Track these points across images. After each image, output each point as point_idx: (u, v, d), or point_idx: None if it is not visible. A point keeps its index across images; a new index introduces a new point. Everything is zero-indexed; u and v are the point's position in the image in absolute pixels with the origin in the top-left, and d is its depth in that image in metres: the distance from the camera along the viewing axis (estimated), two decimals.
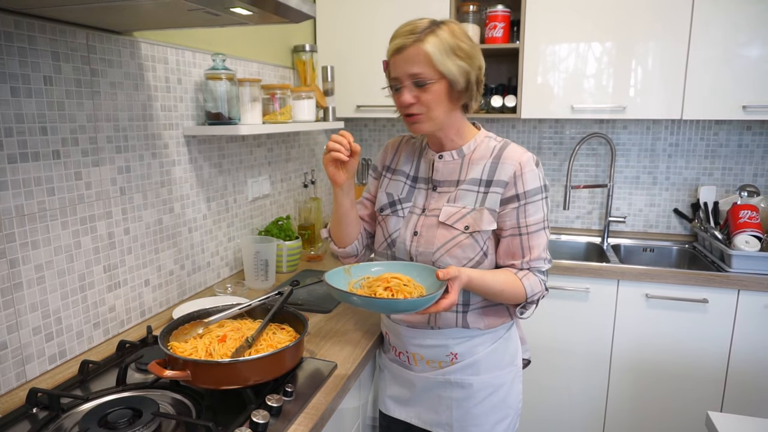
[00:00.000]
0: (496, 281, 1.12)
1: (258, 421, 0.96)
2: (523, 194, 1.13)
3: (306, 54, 2.22)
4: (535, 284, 1.15)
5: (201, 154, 1.66)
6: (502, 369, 1.26)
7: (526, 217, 1.13)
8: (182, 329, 1.18)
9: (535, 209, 1.14)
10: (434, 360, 1.25)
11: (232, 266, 1.87)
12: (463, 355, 1.23)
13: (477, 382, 1.23)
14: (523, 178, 1.12)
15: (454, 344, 1.22)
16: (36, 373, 1.15)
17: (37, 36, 1.10)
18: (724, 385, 1.99)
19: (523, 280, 1.14)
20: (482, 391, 1.23)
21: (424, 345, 1.24)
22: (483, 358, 1.23)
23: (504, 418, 1.27)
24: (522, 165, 1.12)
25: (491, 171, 1.14)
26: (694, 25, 2.00)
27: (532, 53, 2.19)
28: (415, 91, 1.10)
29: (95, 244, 1.28)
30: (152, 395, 1.08)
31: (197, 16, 1.10)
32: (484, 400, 1.24)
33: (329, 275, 1.11)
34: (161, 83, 1.47)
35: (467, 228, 1.14)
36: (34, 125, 1.11)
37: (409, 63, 1.08)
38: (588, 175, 2.56)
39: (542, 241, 1.15)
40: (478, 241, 1.14)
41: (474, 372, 1.23)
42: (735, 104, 2.01)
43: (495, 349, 1.24)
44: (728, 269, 1.97)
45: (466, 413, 1.24)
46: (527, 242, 1.14)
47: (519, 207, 1.13)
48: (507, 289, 1.13)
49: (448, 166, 1.19)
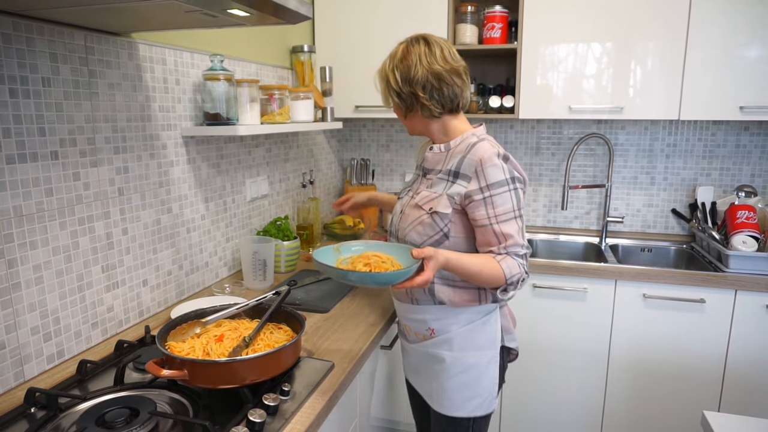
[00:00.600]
0: (474, 263, 1.19)
1: (255, 420, 0.97)
2: (486, 187, 1.21)
3: (304, 54, 2.22)
4: (513, 266, 1.20)
5: (199, 154, 1.66)
6: (476, 350, 1.33)
7: (494, 207, 1.21)
8: (180, 329, 1.19)
9: (502, 200, 1.21)
10: (419, 332, 1.39)
11: (230, 266, 1.88)
12: (439, 331, 1.34)
13: (450, 358, 1.33)
14: (485, 172, 1.21)
15: (431, 320, 1.34)
16: (34, 373, 1.16)
17: (36, 38, 1.11)
18: (722, 385, 1.99)
19: (501, 263, 1.20)
20: (454, 368, 1.33)
21: (410, 318, 1.39)
22: (456, 337, 1.32)
23: (475, 397, 1.34)
24: (483, 161, 1.21)
25: (459, 164, 1.26)
26: (692, 26, 2.01)
27: (530, 54, 2.19)
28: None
29: (93, 245, 1.29)
30: (150, 395, 1.09)
31: (194, 18, 1.11)
32: (456, 376, 1.33)
33: (318, 252, 1.22)
34: (159, 84, 1.47)
35: (431, 209, 1.27)
36: (32, 126, 1.11)
37: None
38: (586, 176, 2.57)
39: (514, 228, 1.22)
40: (437, 222, 1.26)
41: (448, 348, 1.33)
42: (732, 105, 2.02)
43: (470, 330, 1.32)
44: (725, 269, 1.97)
45: (440, 386, 1.35)
46: (500, 230, 1.21)
47: (485, 199, 1.21)
48: (485, 270, 1.19)
49: (435, 157, 1.33)
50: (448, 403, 1.34)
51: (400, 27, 2.27)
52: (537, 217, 2.66)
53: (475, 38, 2.30)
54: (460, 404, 1.33)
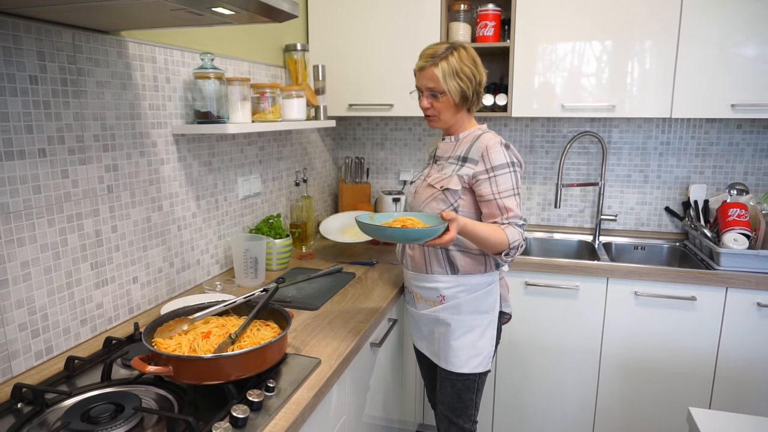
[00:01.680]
0: (484, 228, 1.39)
1: (238, 416, 0.98)
2: (491, 168, 1.44)
3: (297, 53, 2.23)
4: (514, 234, 1.41)
5: (190, 152, 1.67)
6: (478, 315, 1.55)
7: (497, 185, 1.44)
8: (167, 326, 1.20)
9: (504, 180, 1.44)
10: (429, 299, 1.59)
11: (222, 264, 1.88)
12: (449, 298, 1.55)
13: (455, 321, 1.55)
14: (490, 156, 1.44)
15: (443, 288, 1.54)
16: (22, 369, 1.17)
17: (22, 36, 1.11)
18: (713, 381, 2.00)
19: (506, 230, 1.41)
20: (459, 330, 1.55)
21: (423, 287, 1.59)
22: (464, 303, 1.54)
23: (476, 355, 1.56)
24: (488, 147, 1.45)
25: (468, 150, 1.50)
26: (684, 24, 2.01)
27: (523, 52, 2.20)
28: (430, 99, 1.50)
29: (82, 242, 1.30)
30: (136, 391, 1.10)
31: (181, 16, 1.11)
32: (461, 337, 1.55)
33: (361, 216, 1.38)
34: (149, 82, 1.48)
35: (441, 187, 1.49)
36: (19, 124, 1.12)
37: (425, 79, 1.48)
38: (580, 174, 2.57)
39: (514, 203, 1.45)
40: (448, 198, 1.48)
41: (455, 312, 1.55)
42: (724, 103, 2.02)
43: (475, 297, 1.54)
44: (717, 267, 1.98)
45: (447, 345, 1.57)
46: (503, 204, 1.44)
47: (490, 178, 1.44)
48: (493, 235, 1.39)
49: (446, 146, 1.58)
50: (455, 360, 1.56)
51: (394, 26, 2.27)
52: (531, 215, 2.67)
53: (468, 36, 2.30)
54: (465, 361, 1.55)
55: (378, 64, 2.32)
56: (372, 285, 1.78)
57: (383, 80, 2.33)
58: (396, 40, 2.28)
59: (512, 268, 2.10)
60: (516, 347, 2.18)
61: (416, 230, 1.28)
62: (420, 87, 1.52)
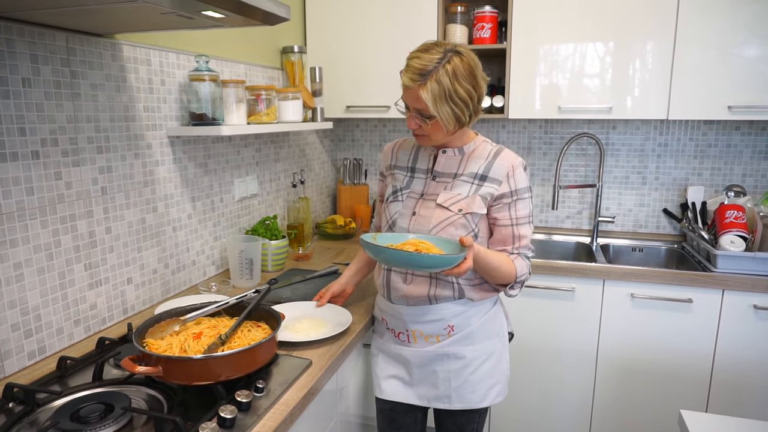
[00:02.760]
0: (496, 258, 1.29)
1: (225, 416, 0.98)
2: (515, 191, 1.32)
3: (295, 55, 2.24)
4: (523, 266, 1.33)
5: (186, 154, 1.68)
6: (492, 339, 1.42)
7: (516, 211, 1.33)
8: (158, 326, 1.21)
9: (523, 205, 1.33)
10: (432, 335, 1.39)
11: (218, 265, 1.89)
12: (459, 326, 1.38)
13: (471, 352, 1.38)
14: (515, 178, 1.32)
15: (451, 317, 1.37)
16: (15, 369, 1.18)
17: (15, 39, 1.12)
18: (709, 384, 1.99)
19: (515, 262, 1.32)
20: (476, 360, 1.39)
21: (424, 321, 1.38)
22: (476, 330, 1.39)
23: (496, 384, 1.42)
24: (514, 167, 1.32)
25: (487, 168, 1.33)
26: (680, 25, 2.01)
27: (520, 54, 2.20)
28: (419, 119, 1.27)
29: (76, 243, 1.31)
30: (127, 391, 1.11)
31: (172, 19, 1.12)
32: (479, 368, 1.39)
33: (367, 236, 1.25)
34: (144, 84, 1.49)
35: (461, 210, 1.32)
36: (12, 126, 1.13)
37: (412, 100, 1.25)
38: (578, 175, 2.57)
39: (528, 232, 1.35)
40: (469, 222, 1.32)
41: (469, 342, 1.39)
42: (721, 105, 2.02)
43: (486, 321, 1.40)
44: (714, 269, 1.97)
45: (464, 382, 1.39)
46: (517, 232, 1.33)
47: (511, 202, 1.32)
48: (503, 266, 1.29)
49: (449, 161, 1.37)
50: (473, 396, 1.39)
51: (391, 28, 2.28)
52: None
53: (465, 38, 2.31)
54: (484, 394, 1.40)
55: (375, 66, 2.33)
56: (366, 286, 1.78)
57: (380, 82, 2.33)
58: (393, 42, 2.29)
59: None
60: (512, 348, 2.18)
61: (433, 257, 1.12)
62: (407, 104, 1.27)
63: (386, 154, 1.50)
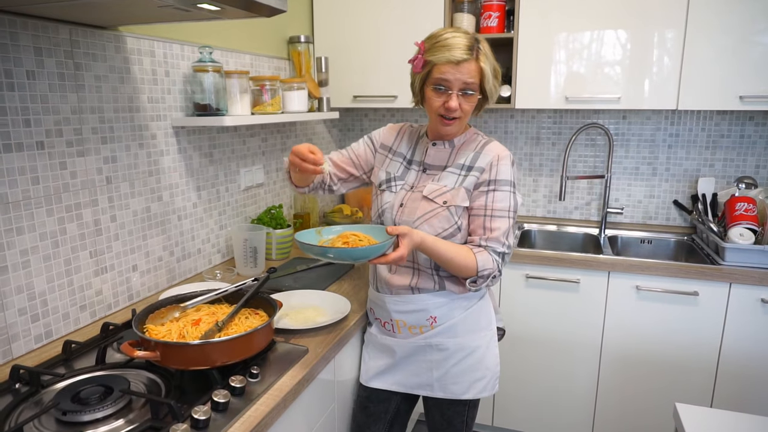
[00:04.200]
0: (448, 249, 1.23)
1: (219, 401, 1.01)
2: (493, 181, 1.29)
3: (302, 45, 2.24)
4: (487, 261, 1.25)
5: (191, 144, 1.71)
6: (477, 332, 1.39)
7: (493, 201, 1.28)
8: (159, 313, 1.24)
9: (502, 197, 1.29)
10: (416, 325, 1.39)
11: (224, 253, 1.93)
12: (442, 318, 1.37)
13: (453, 345, 1.37)
14: (498, 167, 1.29)
15: (433, 308, 1.36)
16: (22, 351, 1.22)
17: (19, 32, 1.15)
18: (715, 377, 1.97)
19: (477, 255, 1.25)
20: (459, 353, 1.38)
21: (406, 311, 1.38)
22: (459, 322, 1.37)
23: (481, 378, 1.40)
24: (499, 158, 1.30)
25: (474, 159, 1.32)
26: (691, 13, 1.96)
27: (527, 43, 2.17)
28: (460, 99, 1.25)
29: (81, 231, 1.34)
30: (127, 374, 1.14)
31: (169, 12, 1.14)
32: (462, 361, 1.38)
33: (300, 234, 1.24)
34: (148, 76, 1.52)
35: (445, 202, 1.30)
36: (17, 117, 1.17)
37: (465, 74, 1.22)
38: (587, 166, 2.54)
39: (504, 225, 1.28)
40: (453, 215, 1.30)
41: (452, 335, 1.37)
42: (732, 94, 1.97)
43: (470, 314, 1.38)
44: (722, 262, 1.94)
45: (445, 373, 1.39)
46: (489, 223, 1.28)
47: (488, 191, 1.29)
48: (457, 258, 1.23)
49: (439, 153, 1.36)
50: (455, 387, 1.39)
51: (398, 17, 2.27)
52: (537, 207, 2.65)
53: (473, 27, 2.28)
54: (467, 387, 1.39)
55: (382, 56, 2.32)
56: (367, 276, 1.80)
57: (387, 72, 2.33)
58: (400, 32, 2.28)
59: (512, 261, 2.09)
60: (516, 339, 2.19)
61: (357, 249, 1.14)
62: (449, 82, 1.22)
63: (390, 132, 1.47)
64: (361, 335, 1.55)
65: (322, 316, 1.45)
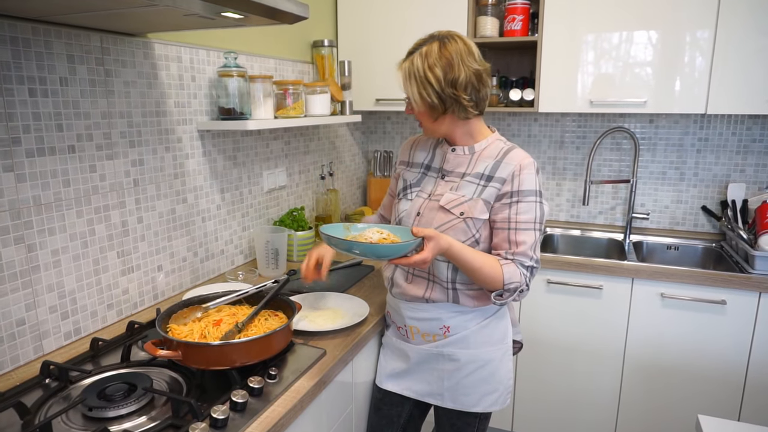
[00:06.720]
0: (476, 258, 1.20)
1: (237, 401, 1.03)
2: (517, 192, 1.23)
3: (325, 49, 2.27)
4: (514, 274, 1.21)
5: (215, 147, 1.75)
6: (491, 346, 1.36)
7: (517, 213, 1.23)
8: (182, 313, 1.28)
9: (527, 208, 1.23)
10: (429, 333, 1.38)
11: (246, 254, 1.96)
12: (455, 328, 1.35)
13: (465, 356, 1.35)
14: (521, 177, 1.23)
15: (447, 318, 1.34)
16: (52, 348, 1.27)
17: (53, 41, 1.20)
18: (743, 390, 1.92)
19: (504, 267, 1.21)
20: (471, 364, 1.35)
21: (420, 318, 1.37)
22: (472, 334, 1.34)
23: (493, 392, 1.37)
24: (522, 167, 1.24)
25: (494, 168, 1.26)
26: (722, 14, 1.92)
27: (551, 46, 2.15)
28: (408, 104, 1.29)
29: (109, 232, 1.39)
30: (151, 372, 1.18)
31: (194, 20, 1.17)
32: (473, 373, 1.36)
33: (327, 227, 1.24)
34: (175, 81, 1.56)
35: (462, 214, 1.26)
36: (50, 123, 1.21)
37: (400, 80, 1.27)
38: (612, 170, 2.51)
39: (530, 239, 1.23)
40: (470, 227, 1.26)
41: (464, 346, 1.35)
42: (764, 98, 1.92)
43: (485, 326, 1.35)
44: (751, 270, 1.89)
45: (456, 383, 1.37)
46: (514, 236, 1.23)
47: (512, 203, 1.24)
48: (485, 269, 1.20)
49: (458, 159, 1.32)
50: (466, 399, 1.37)
51: (422, 20, 2.27)
52: (560, 212, 2.62)
53: (496, 31, 2.28)
54: (477, 399, 1.37)
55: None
56: None
57: None
58: (422, 35, 2.27)
59: None
60: (537, 345, 2.17)
61: (380, 246, 1.13)
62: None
63: (404, 150, 1.48)
64: (379, 338, 1.56)
65: (341, 319, 1.47)
